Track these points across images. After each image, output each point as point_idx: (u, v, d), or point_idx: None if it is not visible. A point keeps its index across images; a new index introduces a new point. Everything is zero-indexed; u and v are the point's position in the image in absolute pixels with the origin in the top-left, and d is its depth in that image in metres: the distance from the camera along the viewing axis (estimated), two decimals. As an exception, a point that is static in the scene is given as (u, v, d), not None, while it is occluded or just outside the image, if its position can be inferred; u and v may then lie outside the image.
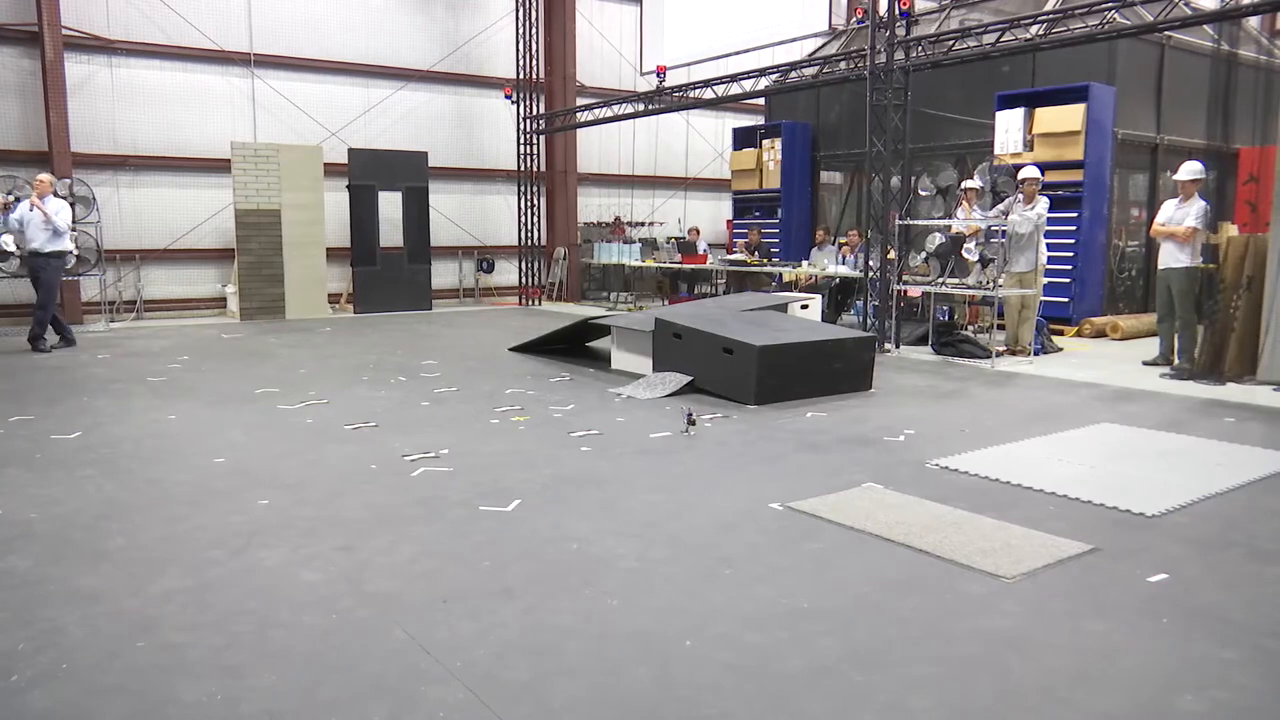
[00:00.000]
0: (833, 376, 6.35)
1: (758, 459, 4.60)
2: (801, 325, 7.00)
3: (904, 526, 3.50)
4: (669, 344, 6.68)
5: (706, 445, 4.88)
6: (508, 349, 8.58)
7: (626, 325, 7.34)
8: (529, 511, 3.68)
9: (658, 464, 4.48)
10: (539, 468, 4.38)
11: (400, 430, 5.18)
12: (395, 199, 12.68)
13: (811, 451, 4.75)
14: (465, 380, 6.92)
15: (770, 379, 6.04)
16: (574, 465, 4.44)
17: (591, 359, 8.01)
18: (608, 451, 4.72)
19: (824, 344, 6.39)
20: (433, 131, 13.89)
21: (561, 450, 4.75)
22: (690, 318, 6.81)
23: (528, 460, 4.54)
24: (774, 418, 5.62)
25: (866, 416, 5.70)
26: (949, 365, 7.92)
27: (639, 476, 4.26)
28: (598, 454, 4.66)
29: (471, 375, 7.20)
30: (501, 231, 14.69)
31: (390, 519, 3.59)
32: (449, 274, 14.42)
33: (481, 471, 4.30)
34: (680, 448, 4.83)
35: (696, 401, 5.98)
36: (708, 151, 16.59)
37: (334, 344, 9.32)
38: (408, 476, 4.19)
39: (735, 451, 4.76)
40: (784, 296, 8.80)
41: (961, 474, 4.29)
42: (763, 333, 6.40)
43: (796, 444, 4.91)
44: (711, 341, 6.29)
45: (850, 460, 4.56)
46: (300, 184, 11.69)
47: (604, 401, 6.14)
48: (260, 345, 9.10)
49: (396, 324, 11.18)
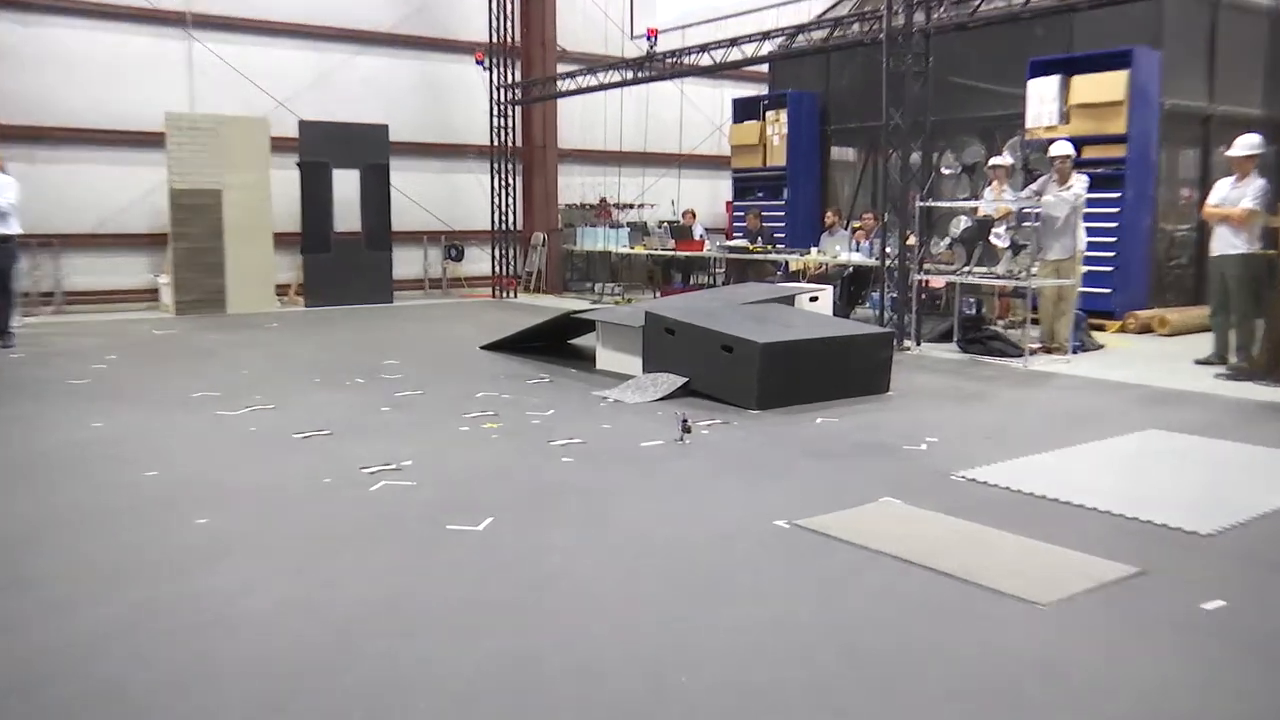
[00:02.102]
0: (845, 377, 6.38)
1: (761, 470, 4.62)
2: (810, 320, 7.03)
3: (925, 546, 3.52)
4: (661, 341, 6.69)
5: (703, 455, 4.90)
6: (479, 347, 8.59)
7: (613, 320, 7.36)
8: (503, 530, 3.69)
9: (648, 476, 4.50)
10: (514, 481, 4.38)
11: (357, 439, 5.18)
12: (352, 178, 12.66)
13: (821, 461, 4.77)
14: (431, 382, 6.92)
15: (775, 380, 6.06)
16: (554, 478, 4.44)
17: (574, 358, 8.02)
18: (592, 462, 4.73)
19: (835, 341, 6.42)
20: (395, 102, 13.88)
21: (540, 461, 4.75)
22: (685, 312, 6.82)
23: (501, 472, 4.55)
24: (779, 424, 5.63)
25: (883, 422, 5.72)
26: (976, 364, 7.96)
27: (627, 490, 4.27)
28: (581, 465, 4.67)
29: (438, 376, 7.19)
30: (472, 214, 14.67)
31: (346, 539, 3.61)
32: (413, 262, 14.40)
33: (449, 485, 4.31)
34: (674, 458, 4.84)
35: (692, 406, 5.99)
36: (704, 125, 16.61)
37: (282, 341, 9.30)
38: (366, 491, 4.20)
39: (735, 462, 4.78)
40: (790, 288, 8.85)
41: (990, 487, 4.32)
42: (766, 329, 6.42)
43: (804, 453, 4.93)
44: (709, 338, 6.30)
45: (865, 471, 4.58)
46: (244, 161, 11.66)
47: (588, 406, 6.13)
48: (198, 343, 9.07)
49: (353, 319, 11.18)
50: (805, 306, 8.15)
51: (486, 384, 6.84)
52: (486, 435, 5.30)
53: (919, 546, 3.51)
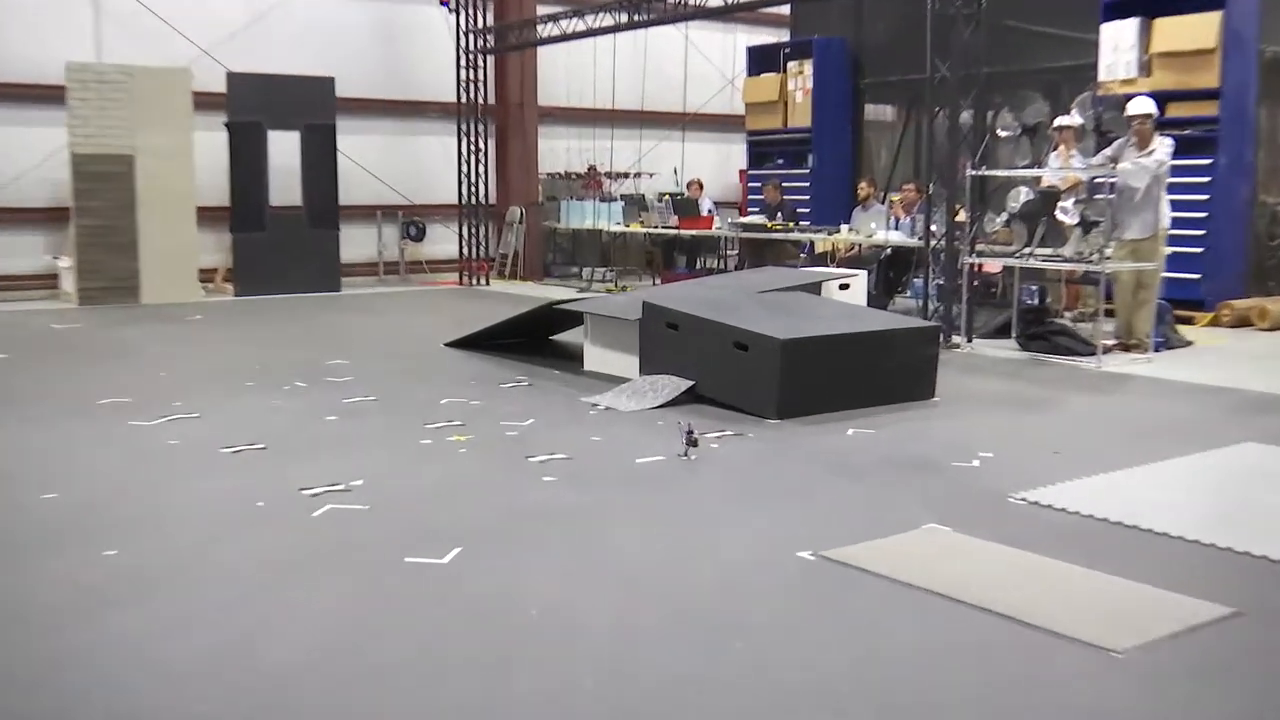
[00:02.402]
0: (882, 381, 6.39)
1: (781, 491, 4.62)
2: (840, 312, 7.04)
3: (978, 582, 3.53)
4: (662, 337, 6.69)
5: (712, 473, 4.90)
6: (444, 344, 8.59)
7: (604, 312, 7.37)
8: (472, 564, 3.69)
9: (646, 498, 4.50)
10: (486, 504, 4.39)
11: (297, 455, 5.18)
12: (291, 141, 12.67)
13: (853, 481, 4.77)
14: (386, 386, 6.92)
15: (798, 384, 6.06)
16: (533, 501, 4.45)
17: (557, 357, 8.03)
18: (579, 482, 4.73)
19: (870, 337, 6.43)
20: (342, 50, 13.88)
21: (517, 480, 4.75)
22: (691, 302, 6.83)
23: (471, 494, 4.55)
24: (803, 436, 5.64)
25: (928, 434, 5.72)
26: (1039, 364, 7.97)
27: (621, 515, 4.27)
28: (565, 486, 4.67)
29: (395, 379, 7.20)
30: (435, 186, 14.68)
31: (284, 574, 3.61)
32: (365, 243, 14.41)
33: (408, 510, 4.31)
34: (677, 477, 4.84)
35: (698, 414, 5.99)
36: (714, 78, 16.62)
37: (207, 338, 9.30)
38: (307, 517, 4.20)
39: (751, 481, 4.78)
40: (816, 273, 8.86)
41: (1055, 511, 4.32)
42: (788, 322, 6.43)
43: (833, 471, 4.93)
44: (719, 334, 6.30)
45: (905, 493, 4.58)
46: (161, 120, 11.66)
47: (574, 414, 6.14)
48: (107, 339, 9.05)
49: (293, 310, 11.19)
50: (834, 295, 8.16)
51: (453, 388, 6.83)
52: (453, 449, 5.30)
53: (970, 583, 3.51)
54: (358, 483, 4.66)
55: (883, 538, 3.95)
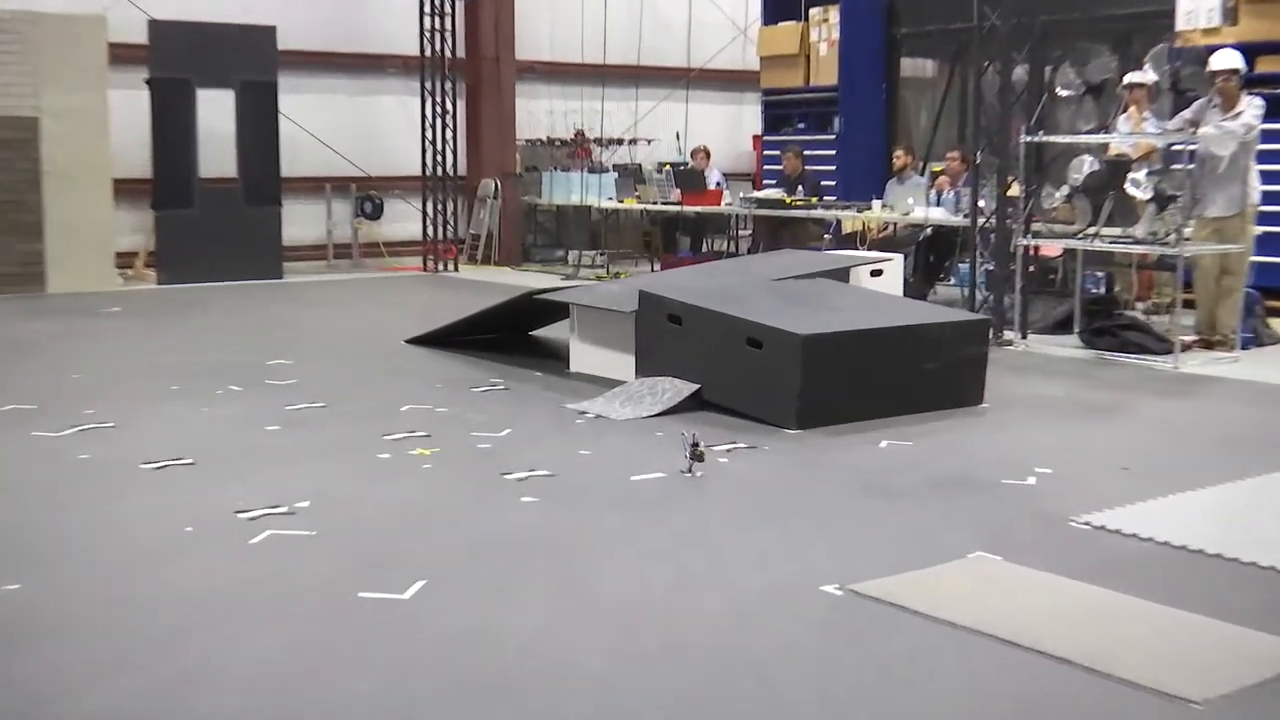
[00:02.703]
0: (922, 384, 6.38)
1: (802, 514, 4.61)
2: (871, 303, 7.03)
3: (1033, 620, 3.52)
4: (661, 333, 6.68)
5: (721, 492, 4.89)
6: (405, 340, 8.56)
7: (594, 303, 7.36)
8: (438, 599, 3.69)
9: (644, 522, 4.49)
10: (455, 530, 4.38)
11: (232, 471, 5.17)
12: (225, 102, 12.63)
13: (887, 502, 4.77)
14: (337, 390, 6.91)
15: (822, 388, 6.05)
16: (511, 525, 4.44)
17: (538, 356, 8.02)
18: (564, 504, 4.72)
19: (907, 333, 6.42)
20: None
21: (491, 501, 4.75)
22: (695, 291, 6.80)
23: (437, 518, 4.54)
24: (828, 449, 5.63)
25: (974, 446, 5.72)
26: (1105, 365, 7.97)
27: (614, 543, 4.26)
28: (548, 508, 4.66)
29: (347, 382, 7.19)
30: (395, 154, 14.64)
31: (216, 613, 3.59)
32: (312, 222, 14.37)
33: (362, 537, 4.30)
34: (680, 497, 4.83)
35: (705, 423, 5.98)
36: (723, 28, 16.60)
37: (126, 333, 9.25)
38: (244, 545, 4.19)
39: (766, 502, 4.77)
40: (844, 257, 8.85)
41: (1124, 537, 4.32)
42: (810, 315, 6.40)
43: (864, 490, 4.93)
44: (729, 328, 6.29)
45: (948, 516, 4.58)
46: (70, 77, 11.61)
47: (559, 423, 6.12)
48: (5, 336, 9.02)
49: (227, 301, 11.15)
50: (865, 283, 8.14)
51: (415, 392, 6.82)
52: (415, 465, 5.29)
53: (1024, 622, 3.51)
54: (303, 504, 4.64)
55: (922, 569, 3.94)
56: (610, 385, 6.80)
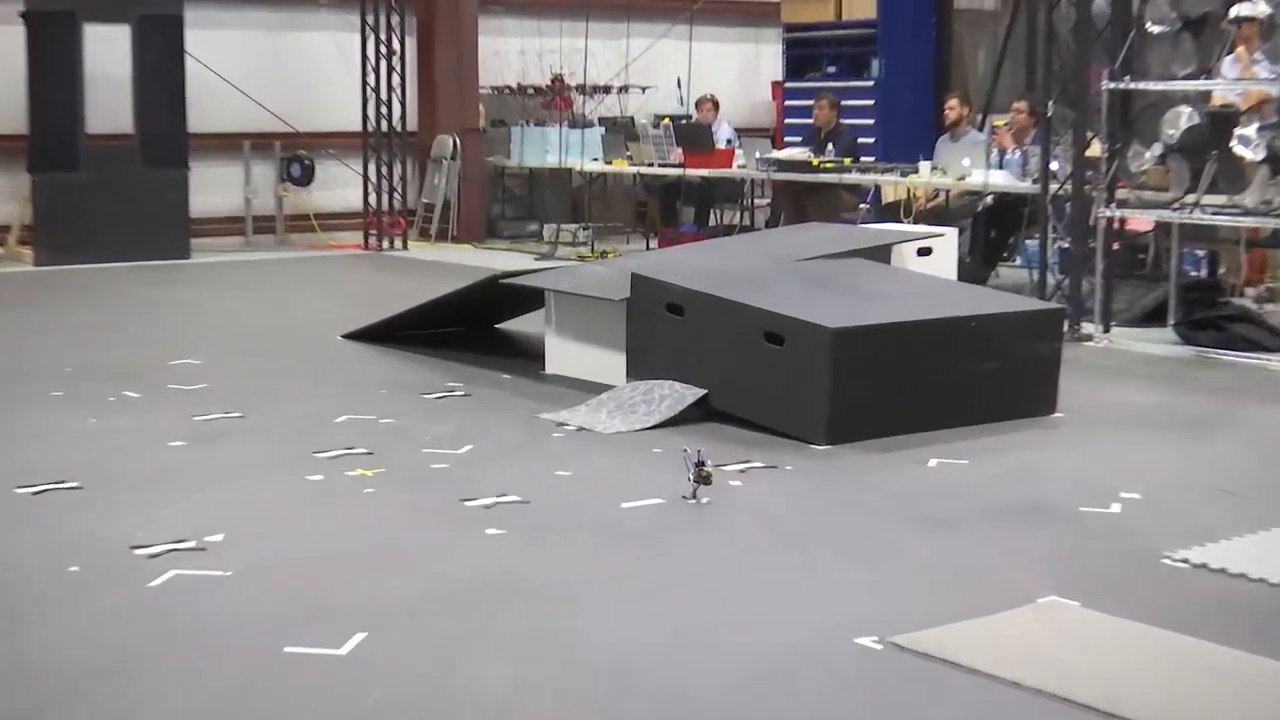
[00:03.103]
0: (980, 389, 6.37)
1: (832, 549, 4.60)
2: (918, 289, 7.02)
3: (1117, 681, 3.48)
4: (659, 326, 6.66)
5: (733, 523, 4.87)
6: (341, 336, 8.56)
7: (575, 289, 7.34)
8: (382, 655, 3.65)
9: (638, 561, 4.47)
10: (403, 570, 4.36)
11: (127, 497, 5.15)
12: (119, 40, 12.57)
13: (938, 535, 4.76)
14: (257, 397, 6.89)
15: (857, 393, 6.04)
16: (472, 564, 4.42)
17: (506, 355, 8.01)
18: (540, 537, 4.71)
19: (962, 326, 6.41)
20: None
21: (449, 534, 4.73)
22: (701, 275, 6.77)
23: (381, 555, 4.51)
24: (864, 469, 5.62)
25: (1045, 466, 5.71)
26: (1207, 364, 7.97)
27: (600, 585, 4.25)
28: (520, 542, 4.65)
29: (270, 387, 7.18)
30: (329, 105, 14.61)
31: (108, 671, 3.54)
32: (226, 188, 14.33)
33: (288, 578, 4.28)
34: (682, 529, 4.81)
35: (713, 437, 5.95)
36: (736, -54, 16.66)
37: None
38: (142, 588, 4.16)
39: (788, 534, 4.76)
40: (884, 232, 8.78)
41: (1229, 577, 4.29)
42: (842, 304, 6.37)
43: (908, 521, 4.92)
44: (742, 321, 6.27)
45: (1013, 552, 4.57)
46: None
47: (532, 438, 6.12)
48: None
49: (120, 287, 11.09)
50: (910, 265, 8.10)
51: (355, 400, 6.79)
52: (355, 490, 5.26)
53: (1106, 682, 3.46)
54: (215, 538, 4.59)
55: (979, 617, 3.90)
56: (596, 391, 6.76)
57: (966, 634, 3.80)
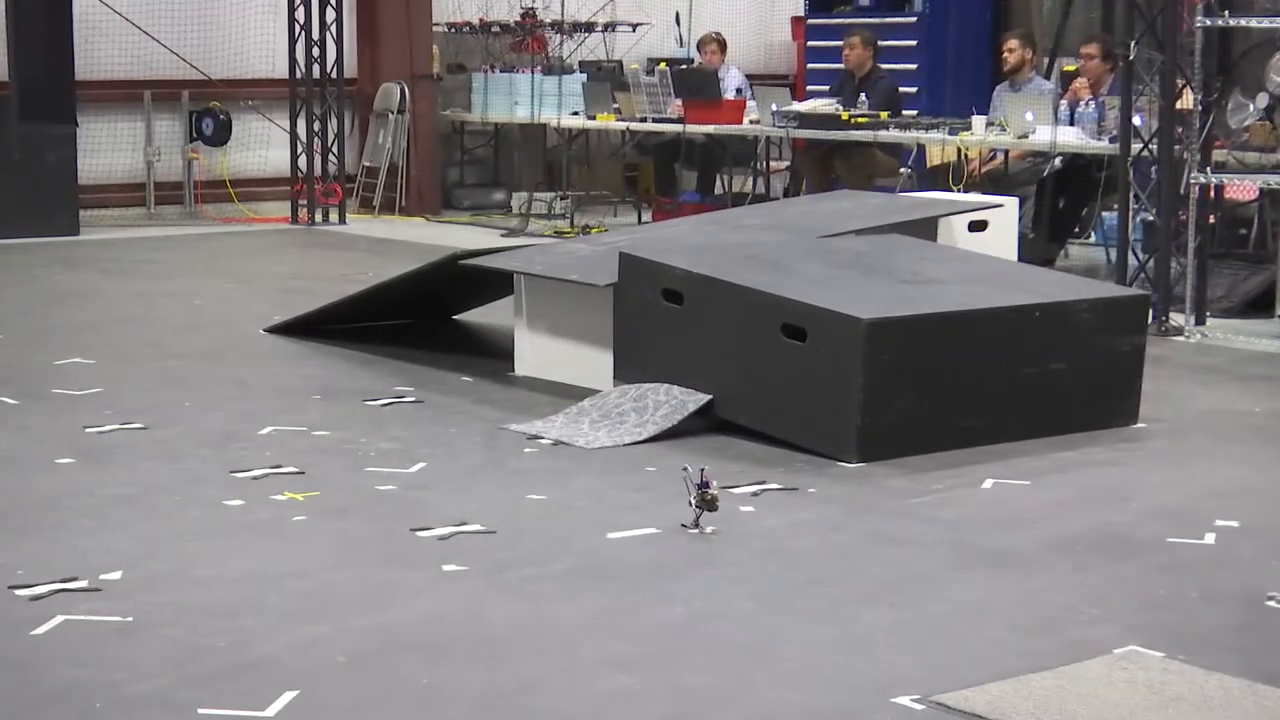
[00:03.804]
0: (1046, 394, 6.40)
1: (863, 589, 4.62)
2: (971, 271, 7.03)
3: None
4: (653, 316, 6.70)
5: (745, 559, 4.89)
6: (264, 329, 8.60)
7: (551, 272, 7.35)
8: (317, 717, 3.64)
9: (627, 605, 4.48)
10: (340, 615, 4.35)
11: (4, 526, 5.15)
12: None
13: (990, 572, 4.78)
14: (161, 405, 6.92)
15: (896, 400, 6.08)
16: (425, 609, 4.42)
17: (466, 352, 8.08)
18: (506, 576, 4.71)
19: (1025, 316, 6.43)
20: None
21: (397, 571, 4.73)
22: (706, 255, 6.80)
23: (314, 597, 4.52)
24: (904, 493, 5.66)
25: (1125, 488, 5.75)
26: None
27: (581, 636, 4.24)
28: (483, 582, 4.65)
29: (177, 393, 7.20)
30: (247, 49, 14.63)
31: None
32: (124, 149, 14.34)
33: (202, 625, 4.25)
34: (682, 566, 4.82)
35: (720, 453, 5.98)
36: None
37: None
38: (25, 637, 4.12)
39: (812, 572, 4.78)
40: (930, 202, 8.84)
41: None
42: (878, 290, 6.40)
43: (958, 554, 4.94)
44: (756, 311, 6.29)
45: (1085, 592, 4.58)
46: None
47: (498, 454, 6.17)
48: None
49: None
50: (962, 241, 8.13)
51: (281, 408, 6.85)
52: (283, 518, 5.26)
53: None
54: (111, 576, 4.57)
55: (1043, 670, 3.88)
56: (576, 397, 6.79)
57: (1026, 692, 3.78)
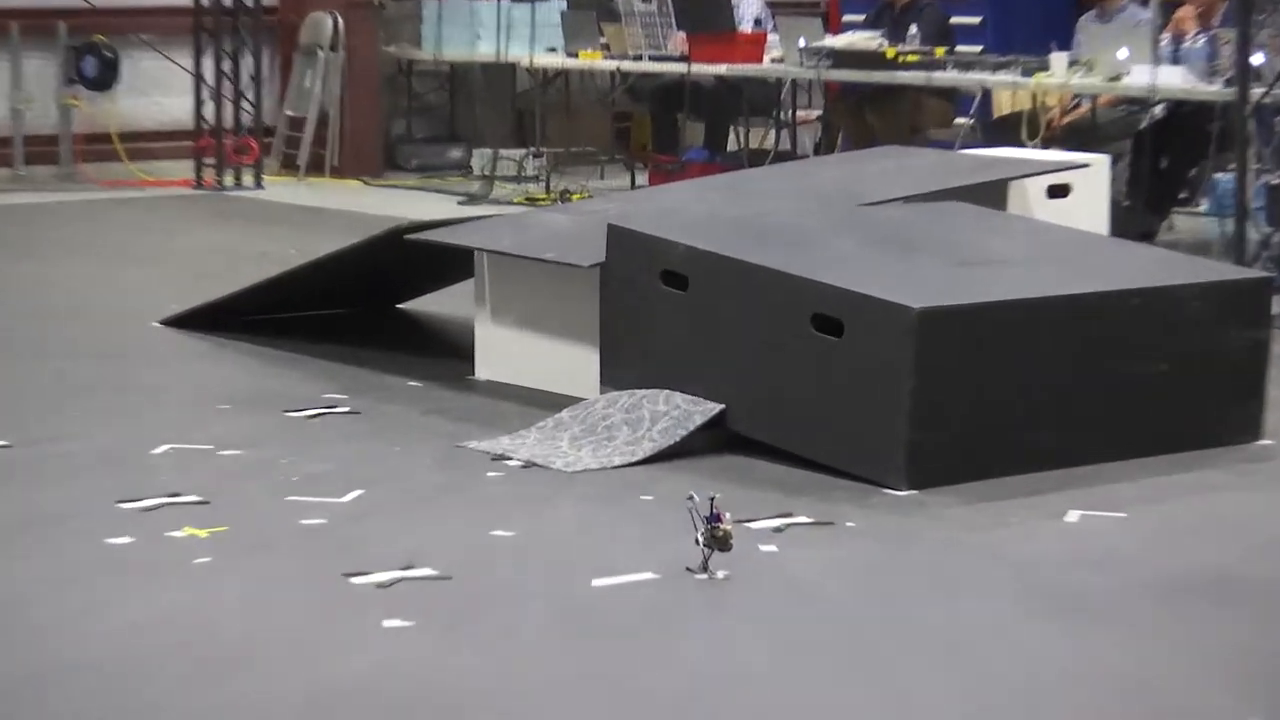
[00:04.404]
0: (1146, 402, 6.44)
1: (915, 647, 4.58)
2: (1049, 248, 7.12)
3: None
4: (651, 306, 6.77)
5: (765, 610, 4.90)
6: (159, 321, 8.69)
7: (521, 250, 7.42)
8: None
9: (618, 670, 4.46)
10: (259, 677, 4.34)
11: None
12: None
13: (1076, 624, 4.75)
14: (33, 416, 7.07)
15: (955, 411, 6.11)
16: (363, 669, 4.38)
17: (414, 349, 8.23)
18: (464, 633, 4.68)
19: (1117, 305, 6.47)
20: None
21: (327, 624, 4.71)
22: (715, 228, 6.87)
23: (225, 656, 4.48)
24: (967, 526, 5.69)
25: (1243, 520, 5.80)
26: None
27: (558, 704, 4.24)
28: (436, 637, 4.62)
29: (53, 400, 7.39)
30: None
31: None
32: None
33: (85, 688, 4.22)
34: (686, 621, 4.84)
35: (734, 476, 6.06)
36: None
37: None
38: None
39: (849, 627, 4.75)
40: (998, 161, 8.86)
41: None
42: (932, 271, 6.50)
43: (1032, 603, 4.93)
44: (778, 297, 6.34)
45: (1191, 649, 4.58)
46: None
47: (454, 477, 6.24)
48: None
49: None
50: (1038, 210, 8.17)
51: (181, 421, 6.95)
52: (183, 558, 5.24)
53: None
54: None
55: None
56: (553, 407, 6.87)
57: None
